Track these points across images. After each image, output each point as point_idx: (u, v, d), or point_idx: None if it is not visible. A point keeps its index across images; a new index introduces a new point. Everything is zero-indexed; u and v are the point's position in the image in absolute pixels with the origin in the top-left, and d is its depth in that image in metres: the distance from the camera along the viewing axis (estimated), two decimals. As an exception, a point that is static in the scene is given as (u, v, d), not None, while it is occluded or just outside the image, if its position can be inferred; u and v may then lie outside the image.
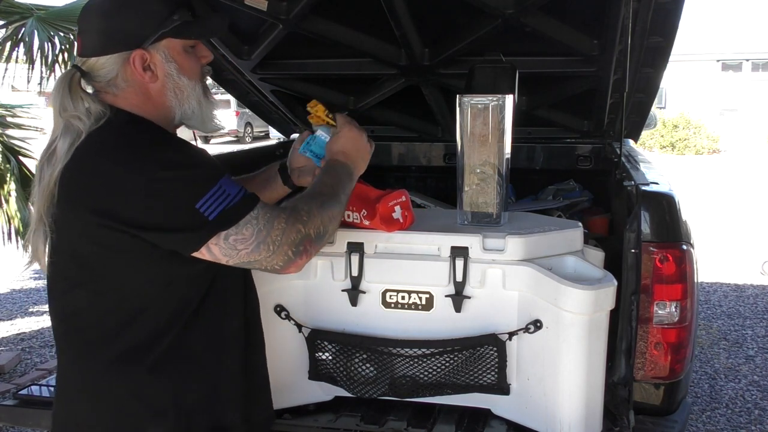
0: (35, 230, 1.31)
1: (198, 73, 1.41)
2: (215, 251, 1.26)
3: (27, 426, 2.18)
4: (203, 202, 1.22)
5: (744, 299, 5.29)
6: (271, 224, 1.29)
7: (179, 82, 1.37)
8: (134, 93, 1.34)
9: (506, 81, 1.88)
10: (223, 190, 1.24)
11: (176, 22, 1.33)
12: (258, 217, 1.28)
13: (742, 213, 8.78)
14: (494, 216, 1.77)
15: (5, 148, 3.97)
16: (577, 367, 1.60)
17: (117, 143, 1.28)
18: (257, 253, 1.28)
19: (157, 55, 1.33)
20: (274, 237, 1.28)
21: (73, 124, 1.28)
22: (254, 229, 1.27)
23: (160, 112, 1.37)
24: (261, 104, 3.06)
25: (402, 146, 3.23)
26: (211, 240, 1.24)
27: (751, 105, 21.30)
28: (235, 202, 1.25)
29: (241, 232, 1.26)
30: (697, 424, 3.34)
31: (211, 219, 1.22)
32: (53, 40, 3.90)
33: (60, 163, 1.27)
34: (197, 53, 1.41)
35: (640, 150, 3.17)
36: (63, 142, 1.28)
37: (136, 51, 1.31)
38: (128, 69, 1.32)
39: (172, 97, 1.37)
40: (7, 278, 5.96)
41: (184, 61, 1.37)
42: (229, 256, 1.27)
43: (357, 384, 1.76)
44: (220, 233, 1.24)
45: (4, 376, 3.87)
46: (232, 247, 1.26)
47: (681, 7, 1.87)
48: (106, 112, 1.29)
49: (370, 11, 2.07)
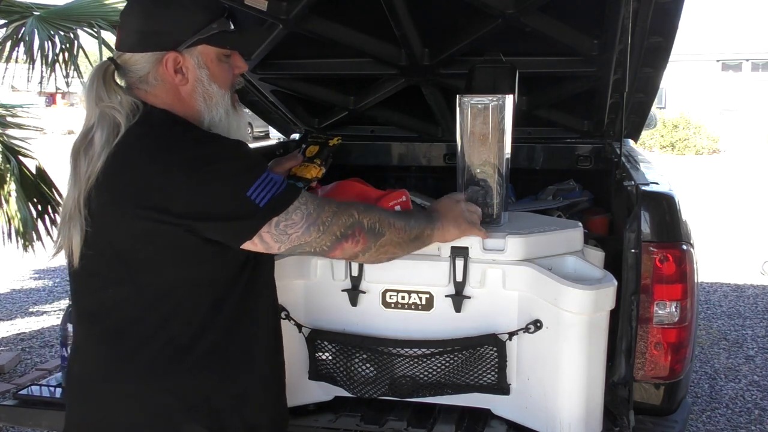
0: (71, 219, 1.31)
1: (229, 82, 1.43)
2: (267, 239, 1.29)
3: (27, 426, 2.18)
4: (253, 190, 1.25)
5: (744, 299, 5.29)
6: (322, 208, 1.34)
7: (209, 89, 1.39)
8: (165, 91, 1.37)
9: (506, 81, 1.88)
10: (270, 178, 1.28)
11: (214, 30, 1.36)
12: (306, 203, 1.32)
13: (742, 213, 8.78)
14: (494, 216, 1.77)
15: (5, 148, 3.96)
16: (577, 367, 1.60)
17: (161, 139, 1.30)
18: (308, 235, 1.32)
19: (191, 59, 1.36)
20: (324, 218, 1.33)
21: (111, 115, 1.30)
22: (304, 213, 1.31)
23: (189, 114, 1.39)
24: (261, 104, 3.05)
25: (402, 146, 3.23)
26: (263, 228, 1.27)
27: (751, 105, 21.29)
28: (283, 189, 1.30)
29: (290, 218, 1.30)
30: (697, 424, 3.34)
31: (262, 206, 1.26)
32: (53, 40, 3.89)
33: (100, 156, 1.28)
34: (232, 63, 1.43)
35: (640, 150, 3.17)
36: (100, 132, 1.29)
37: (169, 53, 1.34)
38: (160, 69, 1.35)
39: (201, 102, 1.39)
40: (7, 278, 5.96)
41: (216, 69, 1.39)
42: (281, 242, 1.30)
43: (357, 384, 1.76)
44: (271, 220, 1.27)
45: (4, 376, 3.87)
46: (283, 232, 1.29)
47: (681, 7, 1.87)
48: (140, 107, 1.32)
49: (370, 11, 2.06)
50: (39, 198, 3.96)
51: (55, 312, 5.03)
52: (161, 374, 1.32)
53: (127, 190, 1.27)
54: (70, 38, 3.93)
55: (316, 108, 3.10)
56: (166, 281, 1.31)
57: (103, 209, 1.29)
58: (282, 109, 3.06)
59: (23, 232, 3.87)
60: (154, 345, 1.31)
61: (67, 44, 3.93)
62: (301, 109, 3.10)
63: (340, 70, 2.60)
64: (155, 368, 1.31)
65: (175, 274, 1.31)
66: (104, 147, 1.28)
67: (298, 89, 2.85)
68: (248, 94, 2.97)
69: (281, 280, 1.69)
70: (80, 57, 3.96)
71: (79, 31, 3.95)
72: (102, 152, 1.28)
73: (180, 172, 1.25)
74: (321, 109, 3.09)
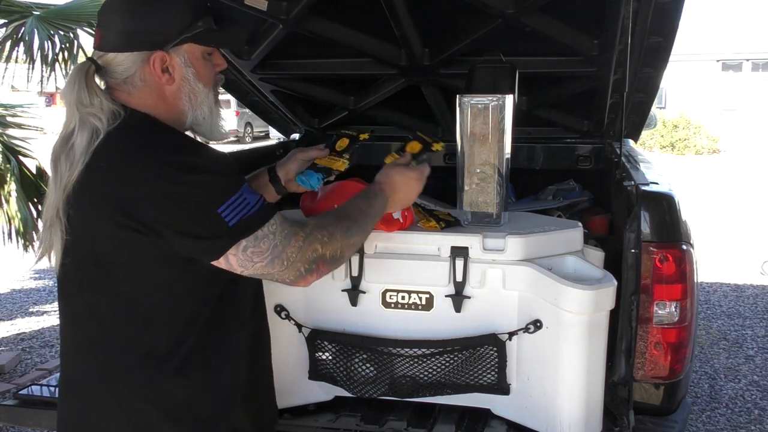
0: (51, 226, 1.30)
1: (212, 80, 1.42)
2: (232, 261, 1.26)
3: (27, 426, 2.18)
4: (225, 208, 1.22)
5: (744, 299, 5.29)
6: (288, 241, 1.30)
7: (195, 88, 1.38)
8: (149, 93, 1.34)
9: (506, 81, 1.88)
10: (243, 197, 1.25)
11: (200, 28, 1.34)
12: (276, 233, 1.28)
13: (742, 213, 8.78)
14: (494, 216, 1.77)
15: (5, 148, 3.96)
16: (577, 367, 1.60)
17: (142, 145, 1.28)
18: (271, 267, 1.29)
19: (177, 58, 1.34)
20: (289, 254, 1.30)
21: (90, 121, 1.27)
22: (271, 243, 1.27)
23: (172, 115, 1.37)
24: (261, 104, 3.06)
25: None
26: (230, 251, 1.24)
27: (751, 105, 21.29)
28: (255, 211, 1.26)
29: (258, 245, 1.26)
30: (697, 424, 3.34)
31: (231, 225, 1.23)
32: (53, 39, 3.89)
33: (80, 162, 1.26)
34: (213, 61, 1.42)
35: (640, 150, 3.17)
36: (81, 137, 1.27)
37: (157, 52, 1.32)
38: (147, 69, 1.32)
39: (186, 102, 1.37)
40: (7, 278, 5.96)
41: (201, 68, 1.38)
42: (244, 267, 1.28)
43: (357, 384, 1.76)
44: (239, 243, 1.24)
45: (4, 376, 3.87)
46: (249, 259, 1.27)
47: (681, 7, 1.87)
48: (121, 112, 1.29)
49: (370, 11, 2.06)
50: (39, 198, 3.95)
51: (55, 312, 5.03)
52: (141, 383, 1.30)
53: (102, 195, 1.25)
54: (69, 38, 3.93)
55: (316, 108, 3.10)
56: (142, 288, 1.29)
57: (80, 214, 1.27)
58: (282, 109, 3.06)
59: (23, 232, 3.88)
60: (132, 354, 1.29)
61: (67, 44, 3.93)
62: (301, 109, 3.10)
63: (340, 70, 2.61)
64: (135, 377, 1.30)
65: (149, 282, 1.29)
66: (83, 153, 1.26)
67: (298, 89, 2.85)
68: (248, 94, 2.98)
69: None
70: (80, 57, 3.95)
71: (78, 31, 3.95)
72: (81, 158, 1.26)
73: (154, 179, 1.22)
74: (321, 109, 3.09)
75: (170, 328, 1.30)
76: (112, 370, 1.31)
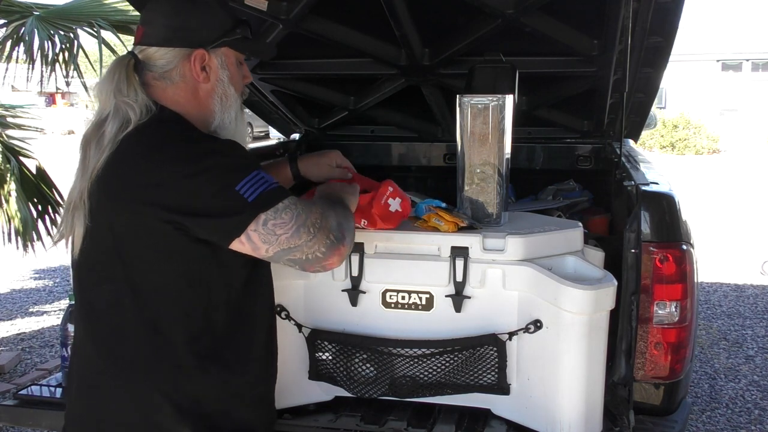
0: (75, 209, 1.32)
1: (241, 88, 1.49)
2: (255, 239, 1.27)
3: (27, 426, 2.18)
4: (242, 185, 1.26)
5: (744, 299, 5.29)
6: (309, 209, 1.33)
7: (227, 91, 1.44)
8: (184, 89, 1.39)
9: (506, 81, 1.88)
10: (261, 176, 1.29)
11: (238, 35, 1.42)
12: (296, 203, 1.32)
13: (742, 213, 8.78)
14: (494, 216, 1.77)
15: (5, 148, 3.96)
16: (577, 367, 1.60)
17: (165, 138, 1.32)
18: (297, 238, 1.30)
19: (215, 59, 1.41)
20: (314, 220, 1.33)
21: (125, 110, 1.32)
22: (293, 213, 1.30)
23: (202, 114, 1.41)
24: (261, 104, 3.05)
25: (402, 146, 3.23)
26: (250, 226, 1.26)
27: (751, 105, 21.31)
28: (273, 187, 1.29)
29: (279, 216, 1.28)
30: (697, 424, 3.34)
31: (250, 201, 1.25)
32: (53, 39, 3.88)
33: (107, 148, 1.30)
34: (243, 71, 1.49)
35: (640, 150, 3.17)
36: (112, 124, 1.32)
37: (198, 50, 1.38)
38: (187, 65, 1.38)
39: (217, 102, 1.43)
40: (7, 278, 5.96)
41: (234, 73, 1.45)
42: (269, 243, 1.29)
43: (357, 384, 1.76)
44: (259, 217, 1.26)
45: (4, 376, 3.87)
46: (271, 233, 1.28)
47: (681, 7, 1.87)
48: (153, 107, 1.34)
49: (370, 11, 2.06)
50: (39, 198, 3.95)
51: (55, 312, 5.03)
52: (154, 375, 1.31)
53: (121, 184, 1.29)
54: (69, 38, 3.92)
55: (316, 108, 3.10)
56: (159, 280, 1.30)
57: (100, 202, 1.30)
58: (282, 109, 3.06)
59: (23, 232, 3.87)
60: (148, 346, 1.30)
61: (67, 44, 3.92)
62: (301, 109, 3.10)
63: (340, 70, 2.61)
64: (148, 369, 1.31)
65: (167, 273, 1.30)
66: (111, 141, 1.30)
67: (298, 89, 2.85)
68: (248, 94, 2.97)
69: (281, 280, 1.69)
70: (80, 57, 3.95)
71: (78, 31, 3.94)
72: (108, 145, 1.30)
73: (172, 167, 1.26)
74: (321, 109, 3.09)
75: (187, 322, 1.31)
76: (126, 361, 1.32)
